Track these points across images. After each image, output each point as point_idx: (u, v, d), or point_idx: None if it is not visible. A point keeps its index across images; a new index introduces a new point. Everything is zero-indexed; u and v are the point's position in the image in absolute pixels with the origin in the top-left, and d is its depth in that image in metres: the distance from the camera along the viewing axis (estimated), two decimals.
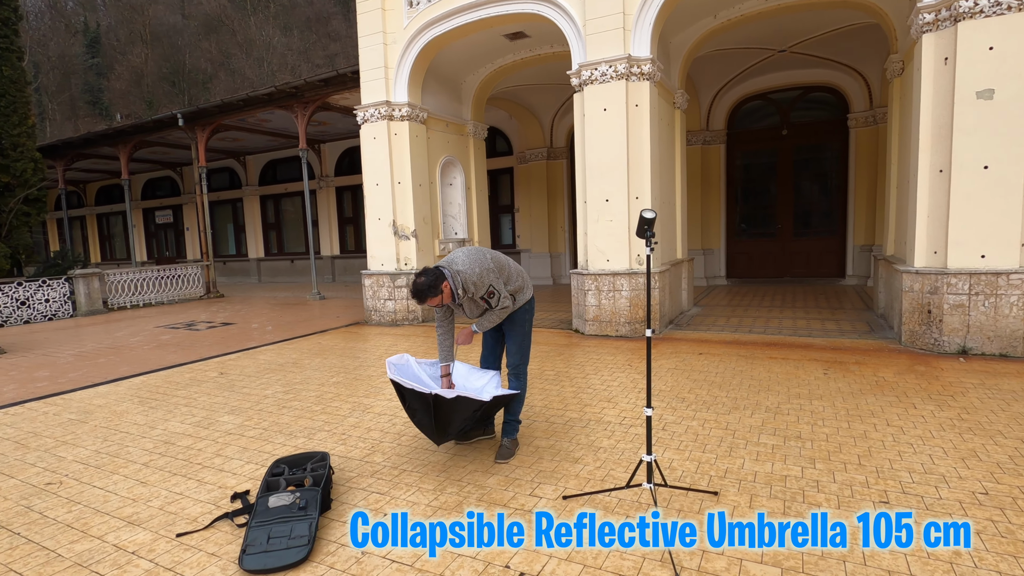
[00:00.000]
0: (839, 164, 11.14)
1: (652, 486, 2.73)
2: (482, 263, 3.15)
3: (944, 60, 5.30)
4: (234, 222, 19.17)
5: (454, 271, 3.11)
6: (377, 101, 8.40)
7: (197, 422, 4.38)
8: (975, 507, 2.62)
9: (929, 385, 4.49)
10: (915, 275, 5.62)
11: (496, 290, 3.20)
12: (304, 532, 2.53)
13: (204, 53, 39.36)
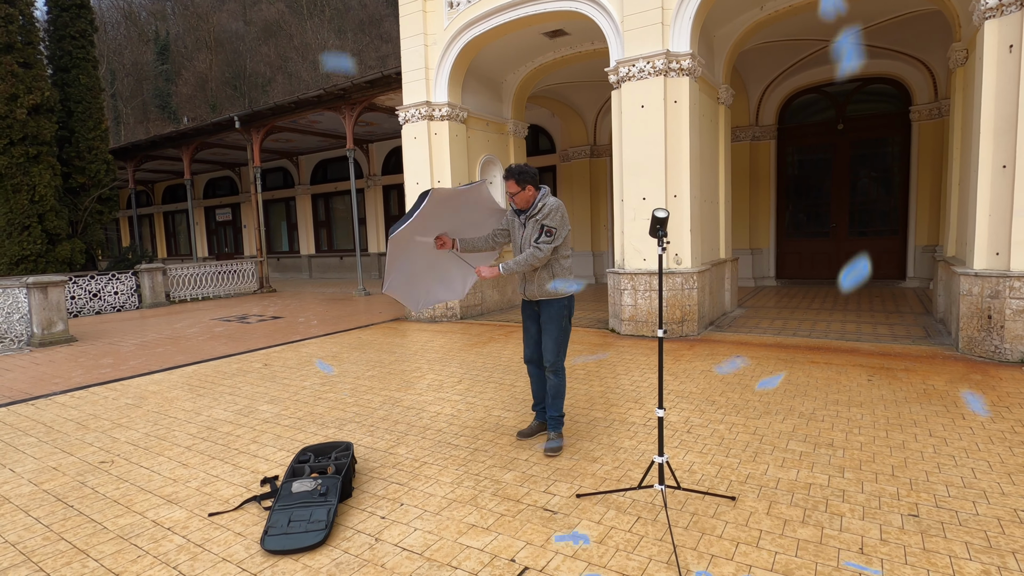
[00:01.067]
0: (900, 160, 10.54)
1: (663, 487, 2.69)
2: (563, 208, 3.41)
3: (1009, 48, 4.95)
4: (287, 220, 19.97)
5: (546, 191, 3.45)
6: (418, 102, 8.57)
7: (239, 410, 4.62)
8: (1014, 525, 2.46)
9: (984, 395, 4.21)
10: (974, 277, 5.27)
11: (555, 231, 3.31)
12: (323, 517, 2.64)
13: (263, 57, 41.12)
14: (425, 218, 3.36)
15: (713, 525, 2.57)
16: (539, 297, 3.47)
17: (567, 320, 3.52)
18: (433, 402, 4.61)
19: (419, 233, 3.50)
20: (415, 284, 3.69)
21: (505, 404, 4.47)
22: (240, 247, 21.52)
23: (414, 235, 3.48)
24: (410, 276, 3.63)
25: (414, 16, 8.51)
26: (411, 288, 3.67)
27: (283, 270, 20.08)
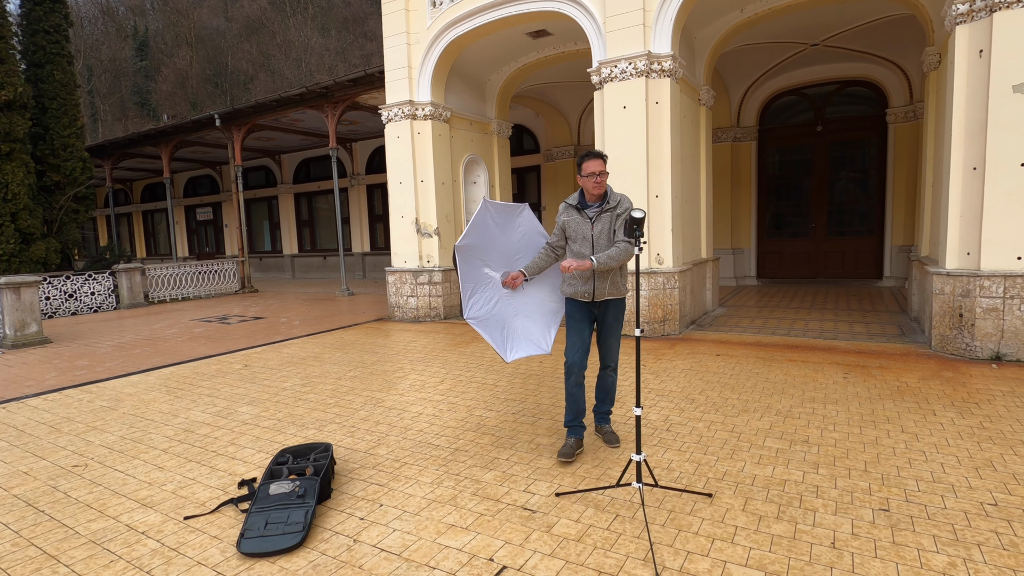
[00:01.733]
0: (877, 161, 10.74)
1: (641, 486, 2.72)
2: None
3: (979, 52, 5.07)
4: (270, 219, 19.75)
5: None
6: (401, 101, 8.53)
7: (217, 412, 4.56)
8: (980, 518, 2.53)
9: (954, 392, 4.31)
10: (946, 277, 5.39)
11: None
12: (300, 519, 2.63)
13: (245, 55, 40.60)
14: (480, 227, 3.35)
15: (690, 522, 2.60)
16: (609, 296, 3.29)
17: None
18: (415, 402, 4.60)
19: (480, 256, 3.44)
20: (507, 336, 3.53)
21: (487, 404, 4.48)
22: (221, 247, 21.24)
23: (477, 256, 3.42)
24: (503, 328, 3.51)
25: (397, 15, 8.47)
26: (504, 339, 3.51)
27: (265, 270, 19.86)
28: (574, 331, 3.36)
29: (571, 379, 3.35)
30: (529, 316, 3.60)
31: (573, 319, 3.37)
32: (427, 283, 8.74)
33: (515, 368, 5.56)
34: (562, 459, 3.25)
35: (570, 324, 3.38)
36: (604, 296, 3.29)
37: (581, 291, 3.29)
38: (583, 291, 3.29)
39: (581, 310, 3.35)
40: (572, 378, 3.35)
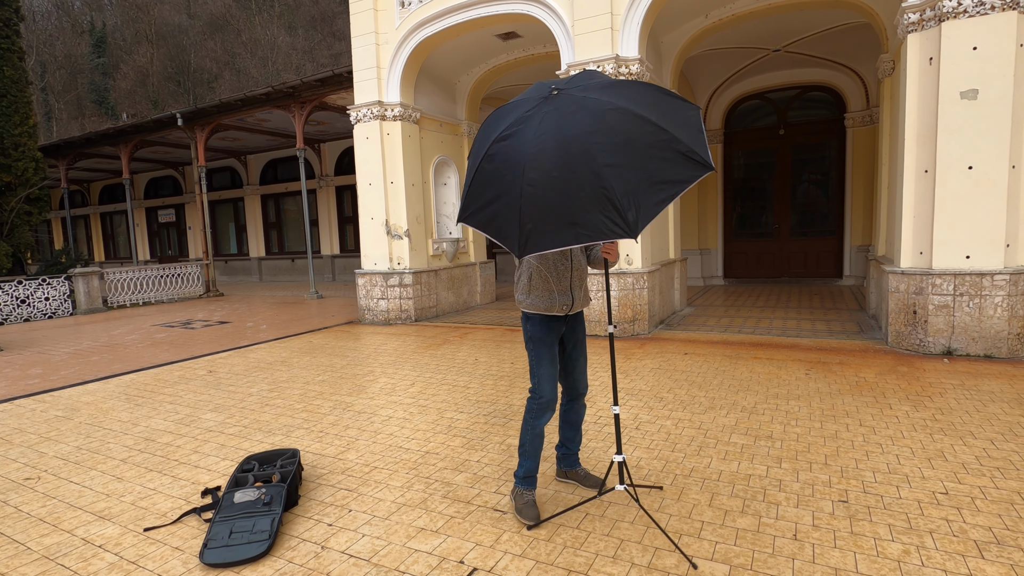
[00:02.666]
0: (837, 164, 11.10)
1: (625, 487, 2.74)
2: None
3: (929, 60, 5.29)
4: (235, 221, 19.30)
5: None
6: (370, 101, 8.45)
7: (180, 419, 4.44)
8: (932, 506, 2.63)
9: (909, 386, 4.48)
10: (901, 275, 5.60)
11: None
12: (266, 527, 2.57)
13: (209, 52, 39.58)
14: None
15: (658, 519, 2.64)
16: (582, 307, 2.82)
17: None
18: (385, 406, 4.55)
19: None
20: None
21: (458, 406, 4.46)
22: (185, 250, 20.65)
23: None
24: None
25: (365, 14, 8.39)
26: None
27: (231, 273, 19.40)
28: (547, 358, 2.72)
29: (546, 419, 2.73)
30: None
31: (544, 343, 2.71)
32: (398, 285, 8.67)
33: (486, 370, 5.56)
34: (532, 522, 2.61)
35: (541, 350, 2.71)
36: (582, 306, 2.81)
37: (559, 303, 2.70)
38: (561, 303, 2.70)
39: (552, 330, 2.74)
40: (547, 417, 2.73)
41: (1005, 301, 5.10)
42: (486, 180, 2.32)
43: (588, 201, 2.09)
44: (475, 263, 10.27)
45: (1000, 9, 4.86)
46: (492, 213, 2.27)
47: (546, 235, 2.11)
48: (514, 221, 2.15)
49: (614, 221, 2.08)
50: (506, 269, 14.61)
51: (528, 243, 2.13)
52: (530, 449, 2.73)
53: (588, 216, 2.08)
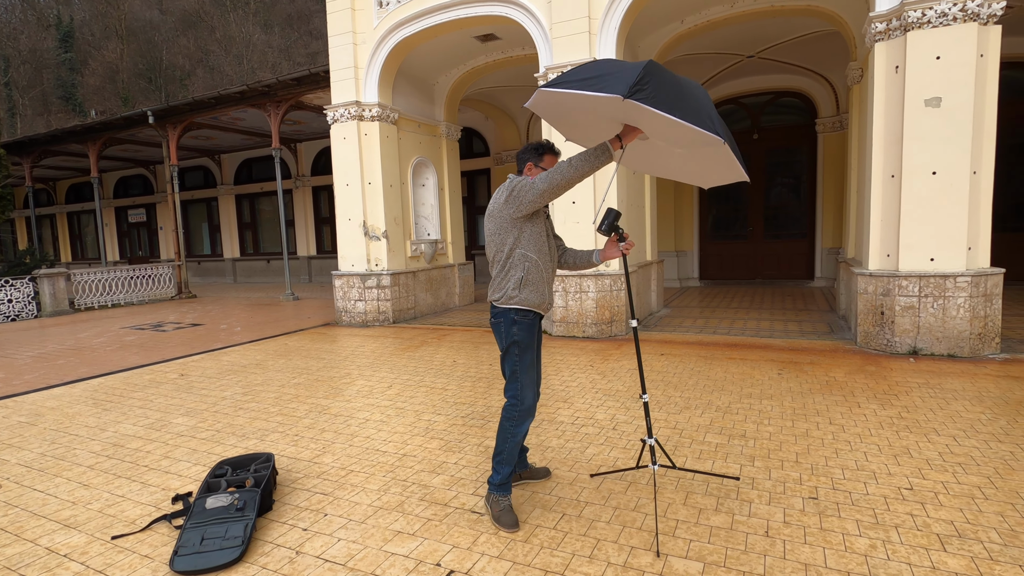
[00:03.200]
0: (808, 168, 11.36)
1: (656, 467, 2.76)
2: None
3: (895, 68, 5.45)
4: (209, 221, 18.93)
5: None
6: (347, 101, 8.37)
7: (150, 424, 4.34)
8: (898, 502, 2.71)
9: (876, 385, 4.61)
10: (869, 277, 5.76)
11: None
12: (239, 533, 2.53)
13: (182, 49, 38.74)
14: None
15: (634, 518, 2.67)
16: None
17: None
18: (361, 408, 4.51)
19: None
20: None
21: (436, 408, 4.45)
22: (156, 250, 20.19)
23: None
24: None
25: (342, 14, 8.31)
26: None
27: (204, 274, 19.01)
28: (530, 364, 2.68)
29: (527, 425, 2.70)
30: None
31: (530, 349, 2.67)
32: (375, 287, 8.60)
33: (464, 372, 5.55)
34: (513, 528, 2.59)
35: (527, 356, 2.66)
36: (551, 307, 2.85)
37: (549, 300, 2.71)
38: (550, 300, 2.73)
39: (535, 333, 2.71)
40: (528, 424, 2.70)
41: (967, 302, 5.28)
42: (595, 66, 2.38)
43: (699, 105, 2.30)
44: (454, 264, 10.25)
45: (962, 21, 5.04)
46: (595, 78, 2.27)
47: (662, 102, 2.16)
48: (629, 78, 2.15)
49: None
50: (484, 271, 14.60)
51: (642, 93, 2.12)
52: (508, 457, 2.69)
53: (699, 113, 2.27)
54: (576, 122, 2.83)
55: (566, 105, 2.60)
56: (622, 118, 2.49)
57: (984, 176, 5.27)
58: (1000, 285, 5.34)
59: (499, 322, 2.70)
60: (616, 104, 2.23)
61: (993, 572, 2.16)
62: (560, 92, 2.35)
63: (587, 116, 2.68)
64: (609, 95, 2.14)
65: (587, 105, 2.45)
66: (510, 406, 2.70)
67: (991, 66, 5.15)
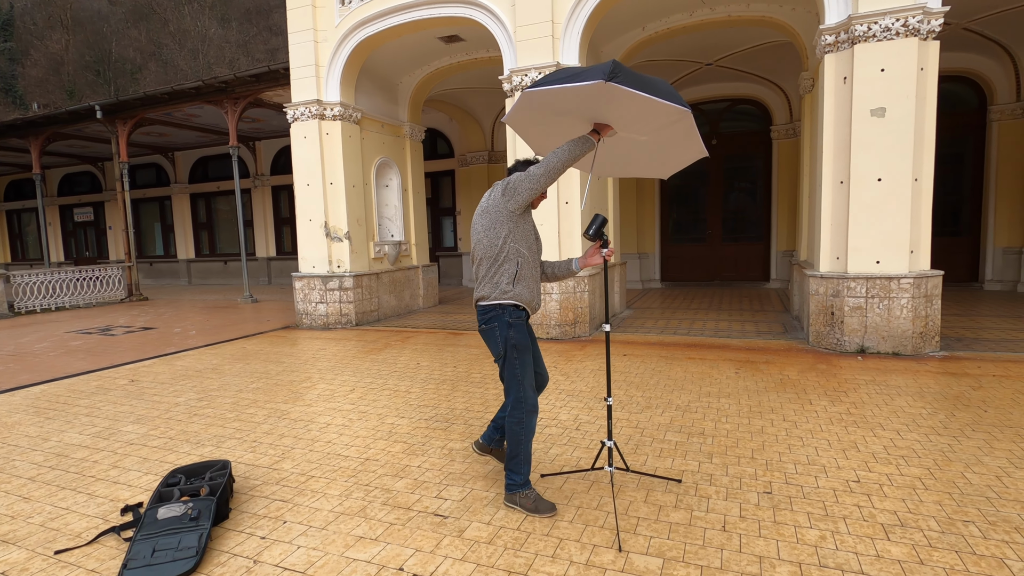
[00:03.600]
0: (764, 173, 11.74)
1: (612, 469, 2.79)
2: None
3: (844, 79, 5.70)
4: (162, 221, 18.24)
5: None
6: (308, 100, 8.21)
7: (97, 432, 4.15)
8: (846, 494, 2.83)
9: (827, 382, 4.80)
10: (820, 279, 5.99)
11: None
12: (193, 543, 2.45)
13: (132, 42, 37.20)
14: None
15: (596, 516, 2.70)
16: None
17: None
18: (323, 413, 4.43)
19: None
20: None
21: (399, 411, 4.41)
22: (104, 251, 19.33)
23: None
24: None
25: (303, 10, 8.15)
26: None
27: (158, 276, 18.31)
28: (529, 364, 2.75)
29: (535, 420, 2.76)
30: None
31: (527, 350, 2.74)
32: (338, 289, 8.46)
33: (428, 374, 5.51)
34: (552, 512, 2.71)
35: (525, 357, 2.72)
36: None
37: (538, 300, 2.83)
38: (538, 300, 2.83)
39: (528, 333, 2.81)
40: (535, 419, 2.76)
41: (910, 303, 5.56)
42: (569, 69, 2.58)
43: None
44: (418, 266, 10.17)
45: (904, 36, 5.31)
46: (573, 75, 2.48)
47: (635, 84, 2.39)
48: (604, 69, 2.38)
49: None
50: (449, 272, 14.54)
51: (617, 78, 2.34)
52: (525, 456, 2.73)
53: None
54: (550, 131, 2.98)
55: (546, 107, 2.73)
56: (594, 116, 2.69)
57: (925, 183, 5.56)
58: (939, 286, 5.64)
59: (492, 328, 2.73)
60: (597, 92, 2.43)
61: (932, 558, 2.28)
62: (545, 90, 2.52)
63: (564, 118, 2.81)
64: (592, 82, 2.35)
65: (569, 100, 2.60)
66: (515, 410, 2.72)
67: (930, 79, 5.45)
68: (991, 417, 3.85)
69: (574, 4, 6.61)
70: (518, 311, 2.72)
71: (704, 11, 7.49)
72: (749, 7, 7.33)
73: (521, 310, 2.73)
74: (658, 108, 2.50)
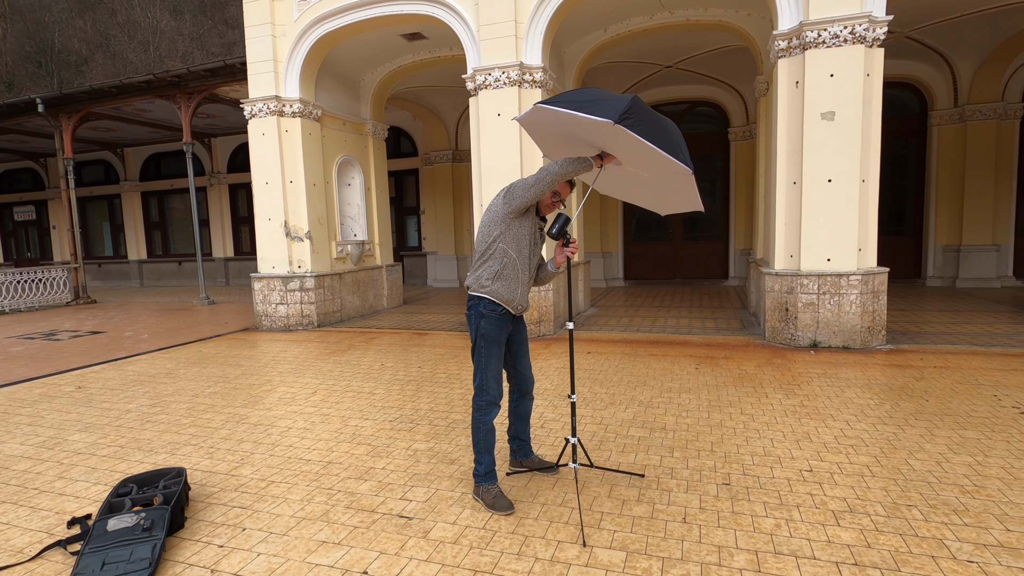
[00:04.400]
0: (723, 174, 12.06)
1: (577, 465, 2.80)
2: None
3: (796, 83, 5.91)
4: (111, 220, 17.47)
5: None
6: (266, 96, 8.00)
7: (40, 443, 3.95)
8: (799, 483, 2.94)
9: (782, 376, 4.97)
10: (775, 276, 6.20)
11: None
12: (146, 555, 2.36)
13: (77, 32, 35.49)
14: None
15: (561, 513, 2.73)
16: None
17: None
18: (283, 416, 4.33)
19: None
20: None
21: (363, 413, 4.35)
22: (48, 252, 18.40)
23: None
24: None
25: (260, 4, 7.94)
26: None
27: (107, 278, 17.53)
28: (496, 357, 2.83)
29: (494, 414, 2.84)
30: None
31: (496, 343, 2.81)
32: (298, 289, 8.28)
33: (393, 375, 5.46)
34: (509, 511, 2.73)
35: (492, 349, 2.81)
36: (525, 311, 2.96)
37: (518, 302, 2.83)
38: (519, 303, 2.84)
39: (504, 329, 2.84)
40: (495, 412, 2.84)
41: (858, 298, 5.80)
42: (589, 92, 2.60)
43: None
44: (382, 266, 10.05)
45: (851, 43, 5.54)
46: (589, 102, 2.48)
47: (645, 131, 2.40)
48: (619, 107, 2.38)
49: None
50: (414, 272, 14.42)
51: (629, 120, 2.35)
52: (484, 445, 2.84)
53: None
54: (555, 144, 3.01)
55: (555, 124, 2.76)
56: (602, 145, 2.70)
57: (871, 184, 5.81)
58: (885, 283, 5.92)
59: (471, 314, 2.86)
60: (604, 128, 2.44)
61: (879, 542, 2.40)
62: (555, 110, 2.53)
63: (570, 139, 2.84)
64: (602, 119, 2.36)
65: (576, 126, 2.63)
66: (476, 397, 2.85)
67: (876, 84, 5.70)
68: (932, 406, 4.06)
69: (537, 4, 6.65)
70: (493, 305, 2.79)
71: (664, 14, 7.64)
72: (706, 12, 7.51)
73: (496, 305, 2.79)
74: (661, 159, 2.50)
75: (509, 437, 3.20)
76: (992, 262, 10.02)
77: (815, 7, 5.62)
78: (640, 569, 2.26)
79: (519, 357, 3.00)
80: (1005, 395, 4.26)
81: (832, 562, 2.26)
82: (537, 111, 2.66)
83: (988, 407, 4.01)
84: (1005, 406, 4.02)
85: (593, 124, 2.44)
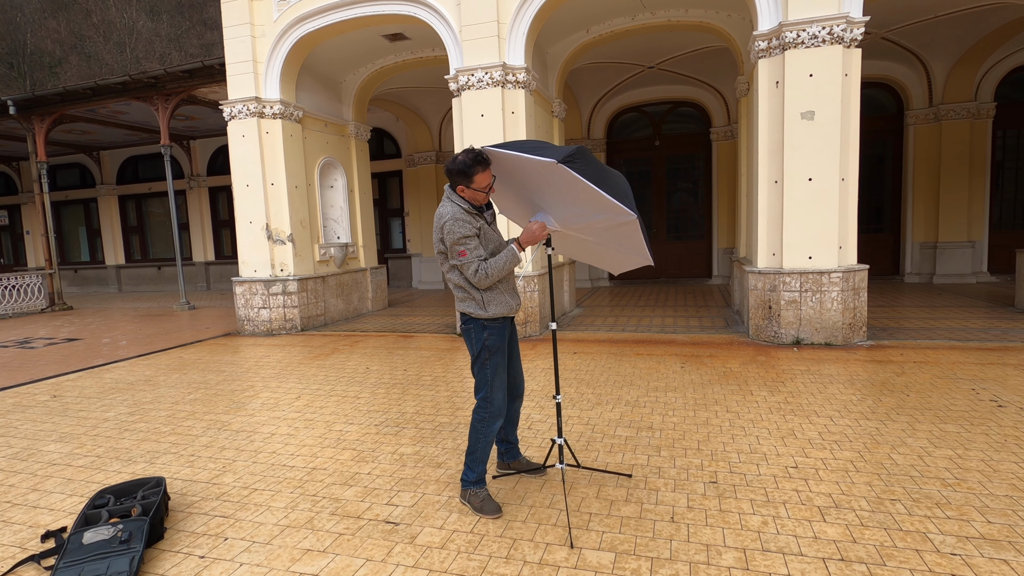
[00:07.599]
0: (705, 174, 12.16)
1: (564, 466, 2.78)
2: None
3: (776, 83, 5.97)
4: (88, 225, 17.11)
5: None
6: (246, 97, 7.89)
7: (13, 454, 3.84)
8: (785, 480, 2.96)
9: (766, 373, 5.01)
10: (758, 275, 6.25)
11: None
12: (123, 568, 2.30)
13: (51, 33, 34.75)
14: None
15: (549, 515, 2.71)
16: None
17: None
18: (267, 422, 4.26)
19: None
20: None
21: (348, 417, 4.29)
22: (21, 257, 17.97)
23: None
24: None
25: (239, 4, 7.83)
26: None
27: (84, 284, 17.16)
28: (501, 367, 2.80)
29: (498, 425, 2.81)
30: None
31: (500, 352, 2.78)
32: (281, 293, 8.17)
33: (378, 379, 5.40)
34: (498, 514, 2.72)
35: (497, 359, 2.77)
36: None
37: (514, 305, 2.82)
38: (515, 305, 2.83)
39: (505, 337, 2.81)
40: (499, 423, 2.81)
41: (839, 296, 5.88)
42: (535, 142, 2.71)
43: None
44: (366, 268, 9.96)
45: (829, 43, 5.61)
46: (536, 148, 2.58)
47: (588, 175, 2.43)
48: (564, 152, 2.45)
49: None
50: (399, 274, 14.32)
51: (573, 164, 2.40)
52: (482, 455, 2.80)
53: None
54: (503, 195, 3.04)
55: (504, 169, 2.78)
56: (540, 195, 2.75)
57: (851, 182, 5.89)
58: (865, 280, 6.00)
59: (469, 328, 2.81)
60: (548, 170, 2.48)
61: (864, 536, 2.41)
62: (502, 153, 2.64)
63: (518, 190, 2.89)
64: (546, 159, 2.42)
65: (522, 171, 2.69)
66: (479, 408, 2.80)
67: (854, 84, 5.78)
68: (913, 401, 4.12)
69: (519, 4, 6.64)
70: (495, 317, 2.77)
71: (645, 15, 7.68)
72: (687, 12, 7.56)
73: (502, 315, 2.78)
74: (604, 202, 2.46)
75: (498, 440, 3.16)
76: (967, 258, 10.23)
77: (794, 8, 5.68)
78: (629, 570, 2.25)
79: (512, 361, 2.98)
80: (983, 388, 4.34)
81: (819, 558, 2.27)
82: (489, 153, 2.70)
83: (967, 401, 4.07)
84: (983, 399, 4.09)
85: (538, 165, 2.50)
